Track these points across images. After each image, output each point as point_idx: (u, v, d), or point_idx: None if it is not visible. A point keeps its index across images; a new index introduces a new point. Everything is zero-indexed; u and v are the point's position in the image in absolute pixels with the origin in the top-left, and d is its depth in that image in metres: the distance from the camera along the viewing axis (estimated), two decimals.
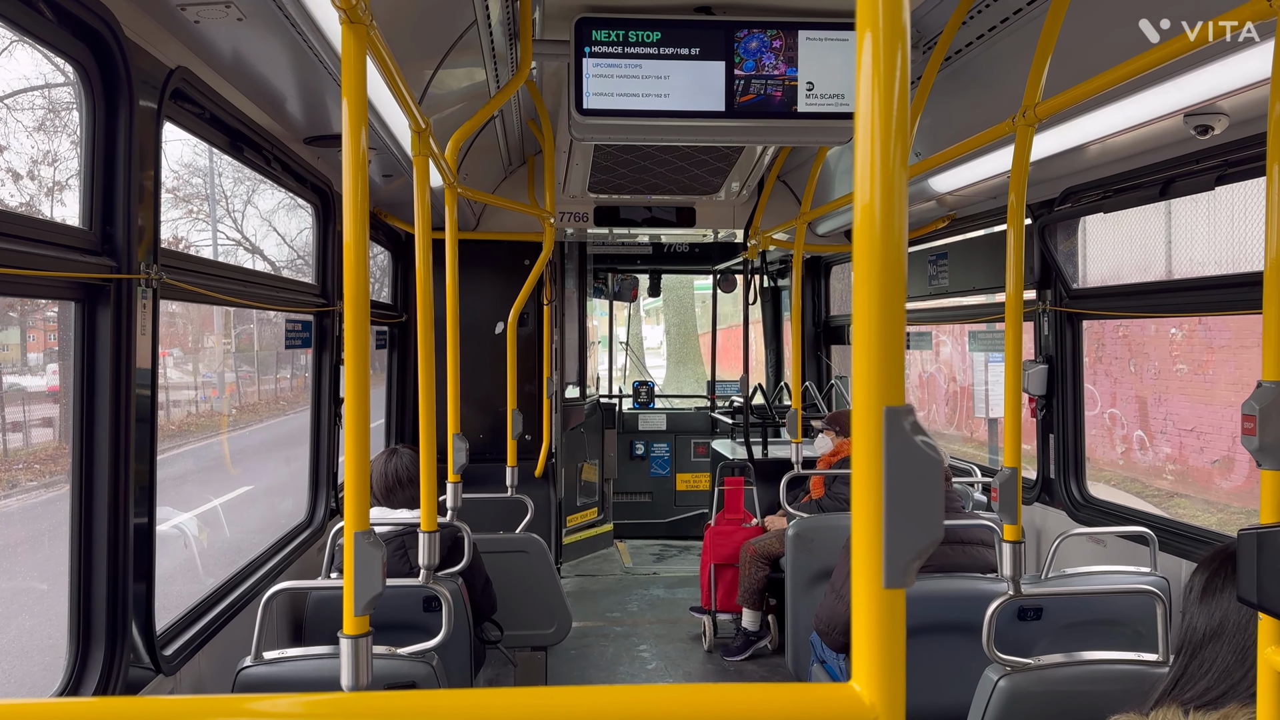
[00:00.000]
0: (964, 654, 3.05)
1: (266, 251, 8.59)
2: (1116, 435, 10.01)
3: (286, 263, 8.40)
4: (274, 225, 8.09)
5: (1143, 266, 6.17)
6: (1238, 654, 1.74)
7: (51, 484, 6.41)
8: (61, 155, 4.52)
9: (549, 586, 4.59)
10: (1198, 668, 1.77)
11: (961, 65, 3.61)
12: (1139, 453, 9.73)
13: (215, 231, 8.01)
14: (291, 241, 8.17)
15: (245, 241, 8.19)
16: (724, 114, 3.27)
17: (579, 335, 7.86)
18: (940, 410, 12.75)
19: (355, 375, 1.85)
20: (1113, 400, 9.96)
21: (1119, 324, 8.80)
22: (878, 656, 0.82)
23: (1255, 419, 1.53)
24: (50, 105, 4.36)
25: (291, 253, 8.20)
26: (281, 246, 8.23)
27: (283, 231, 8.13)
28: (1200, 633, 1.79)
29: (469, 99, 4.16)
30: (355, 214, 1.80)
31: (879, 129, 0.82)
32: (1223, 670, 1.74)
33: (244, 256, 8.90)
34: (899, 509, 0.80)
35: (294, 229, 8.06)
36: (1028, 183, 2.78)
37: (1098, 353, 9.79)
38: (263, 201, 7.72)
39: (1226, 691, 1.72)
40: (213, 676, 2.94)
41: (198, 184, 7.41)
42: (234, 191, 7.72)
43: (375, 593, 1.88)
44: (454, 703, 0.84)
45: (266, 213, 7.93)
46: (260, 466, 10.56)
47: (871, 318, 0.82)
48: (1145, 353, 9.67)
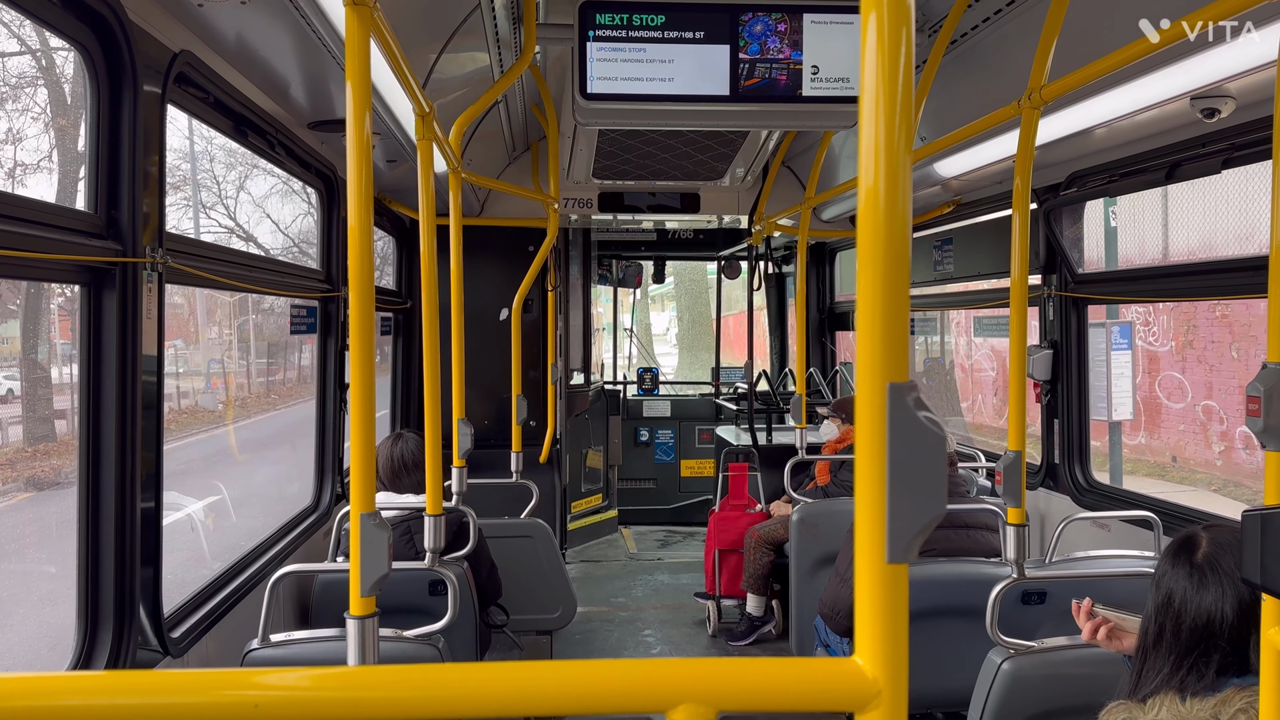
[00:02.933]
0: (968, 637, 3.06)
1: (260, 239, 8.50)
2: (1213, 432, 8.57)
3: (282, 249, 8.33)
4: (267, 211, 8.02)
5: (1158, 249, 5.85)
6: (1188, 632, 1.75)
7: None
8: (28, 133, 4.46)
9: (554, 571, 4.61)
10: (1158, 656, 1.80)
11: (967, 49, 3.59)
12: (1242, 452, 8.32)
13: (197, 216, 7.86)
14: (287, 228, 8.11)
15: (239, 229, 8.12)
16: (728, 98, 3.25)
17: (583, 322, 7.87)
18: (988, 401, 11.53)
19: (360, 360, 1.86)
20: (1208, 391, 8.52)
21: (1214, 305, 7.77)
22: (881, 632, 0.83)
23: (1260, 400, 1.54)
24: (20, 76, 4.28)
25: (286, 240, 8.14)
26: (276, 234, 8.17)
27: (277, 217, 8.06)
28: (1154, 616, 1.82)
29: (473, 84, 4.16)
30: (359, 199, 1.80)
31: (883, 110, 0.82)
32: (1179, 652, 1.76)
33: (237, 243, 8.79)
34: (902, 484, 0.80)
35: (289, 215, 8.00)
36: (1033, 167, 2.77)
37: (1187, 336, 8.44)
38: (255, 187, 7.65)
39: (1189, 671, 1.74)
40: (220, 659, 2.96)
41: (186, 170, 7.31)
42: (225, 177, 7.63)
43: (381, 574, 1.89)
44: (457, 677, 0.85)
45: (260, 198, 7.86)
46: (235, 470, 9.92)
47: (875, 295, 0.82)
48: (1252, 335, 8.13)
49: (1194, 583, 1.77)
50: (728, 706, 0.82)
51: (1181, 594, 1.78)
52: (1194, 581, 1.77)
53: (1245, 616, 1.70)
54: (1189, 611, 1.76)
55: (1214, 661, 1.73)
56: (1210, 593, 1.75)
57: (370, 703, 0.83)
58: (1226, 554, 1.75)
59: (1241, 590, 1.71)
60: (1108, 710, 1.81)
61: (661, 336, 23.84)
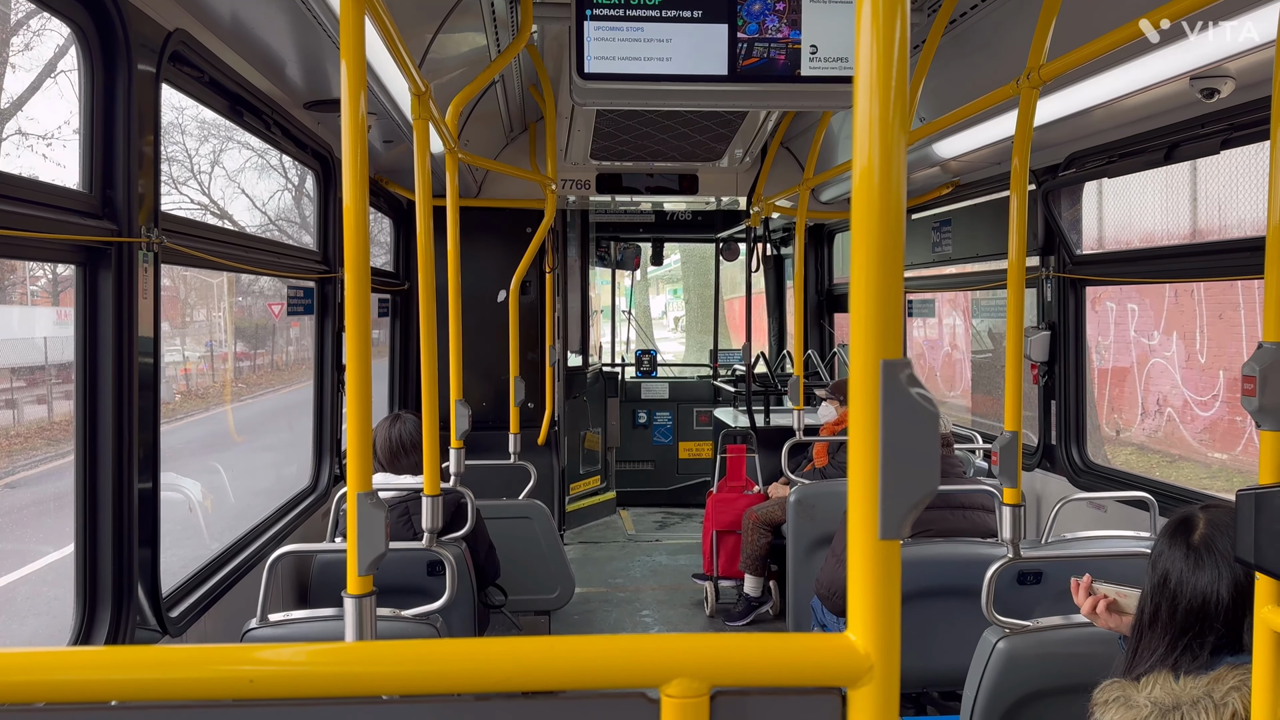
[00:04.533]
0: (964, 617, 3.08)
1: (236, 215, 8.20)
2: None
3: (260, 226, 8.08)
4: (243, 187, 7.77)
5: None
6: (1184, 612, 1.77)
7: None
8: None
9: (552, 552, 4.62)
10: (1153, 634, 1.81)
11: (966, 29, 3.58)
12: None
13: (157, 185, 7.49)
14: (264, 205, 7.92)
15: (213, 205, 7.88)
16: (726, 78, 3.23)
17: (581, 304, 7.85)
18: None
19: (356, 340, 1.86)
20: None
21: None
22: (872, 608, 0.83)
23: (1255, 380, 1.54)
24: None
25: (263, 217, 7.93)
26: (253, 211, 7.94)
27: (254, 194, 7.80)
28: (1150, 596, 1.83)
29: (469, 64, 4.13)
30: (354, 178, 1.79)
31: (879, 85, 0.81)
32: (1174, 631, 1.77)
33: (213, 220, 8.52)
34: (895, 460, 0.80)
35: (266, 192, 7.77)
36: (1031, 148, 2.76)
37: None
38: (230, 161, 7.37)
39: (1184, 651, 1.75)
40: (219, 638, 2.97)
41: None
42: (198, 151, 7.35)
43: (378, 553, 1.90)
44: (452, 652, 0.85)
45: (234, 172, 7.62)
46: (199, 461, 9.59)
47: (869, 272, 0.82)
48: None
49: (1190, 563, 1.78)
50: (721, 681, 0.83)
51: (1178, 574, 1.78)
52: (1190, 562, 1.78)
53: (1241, 597, 1.71)
54: (1185, 592, 1.77)
55: (1209, 642, 1.74)
56: (1206, 574, 1.76)
57: (365, 677, 0.83)
58: (1223, 535, 1.76)
59: (1237, 571, 1.72)
60: (1102, 689, 1.82)
61: (660, 320, 23.73)
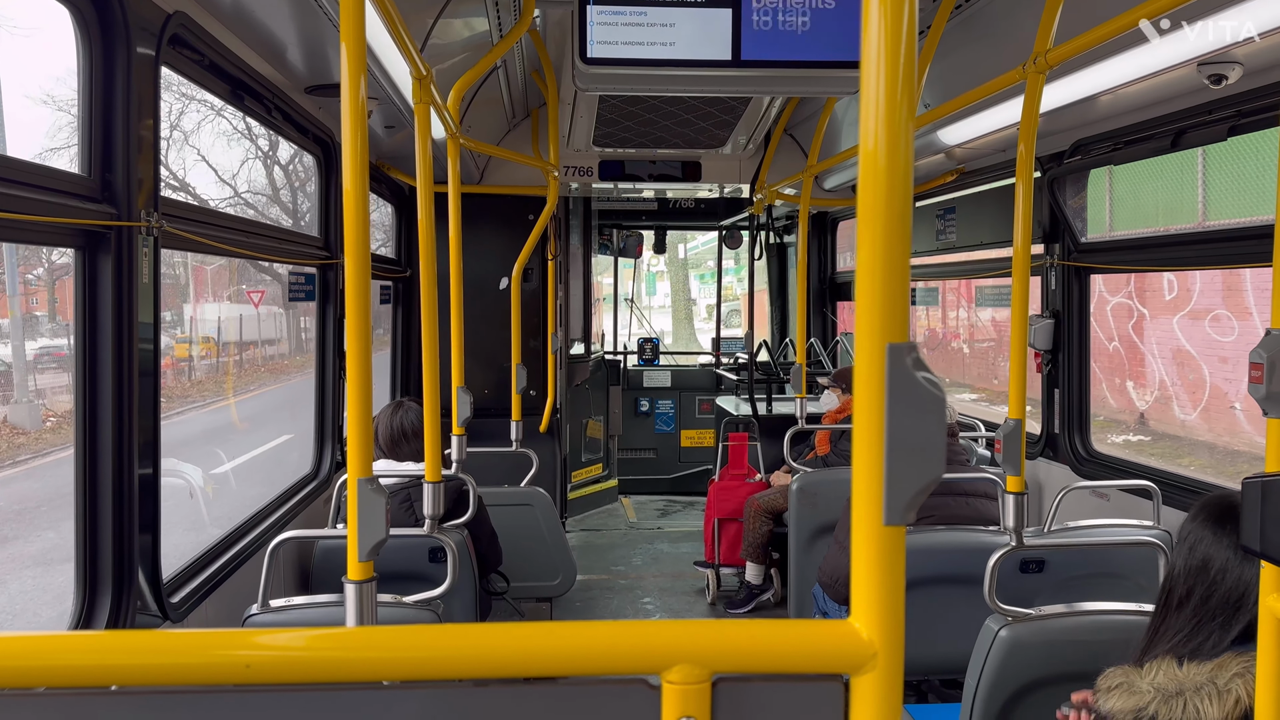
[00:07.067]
0: (966, 605, 3.07)
1: (203, 191, 8.14)
2: None
3: (227, 200, 8.03)
4: (209, 159, 7.70)
5: None
6: (1219, 600, 1.75)
7: None
8: None
9: (554, 539, 4.62)
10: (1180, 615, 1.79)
11: (972, 14, 3.55)
12: None
13: None
14: (233, 177, 7.89)
15: (175, 178, 7.79)
16: (730, 63, 3.21)
17: (584, 291, 7.84)
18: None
19: (357, 327, 1.85)
20: None
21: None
22: (876, 595, 0.82)
23: (1263, 367, 1.52)
24: None
25: (229, 190, 7.90)
26: (221, 185, 7.91)
27: (223, 166, 7.77)
28: (1183, 578, 1.81)
29: (472, 49, 4.11)
30: (355, 163, 1.78)
31: (886, 69, 0.80)
32: (1202, 617, 1.75)
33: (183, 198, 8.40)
34: (900, 445, 0.79)
35: (232, 163, 7.72)
36: (1037, 135, 2.74)
37: None
38: (201, 138, 7.29)
39: (1207, 637, 1.73)
40: (219, 624, 2.97)
41: None
42: (169, 137, 7.24)
43: (379, 538, 1.89)
44: (452, 637, 0.84)
45: (204, 149, 7.58)
46: None
47: (875, 255, 0.81)
48: None
49: (1239, 554, 1.76)
50: (722, 668, 0.82)
51: (1222, 562, 1.77)
52: (1240, 553, 1.76)
53: None
54: (1227, 580, 1.76)
55: (1233, 631, 1.73)
56: (1253, 566, 1.74)
57: (365, 663, 0.83)
58: None
59: None
60: (1105, 675, 1.81)
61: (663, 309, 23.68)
